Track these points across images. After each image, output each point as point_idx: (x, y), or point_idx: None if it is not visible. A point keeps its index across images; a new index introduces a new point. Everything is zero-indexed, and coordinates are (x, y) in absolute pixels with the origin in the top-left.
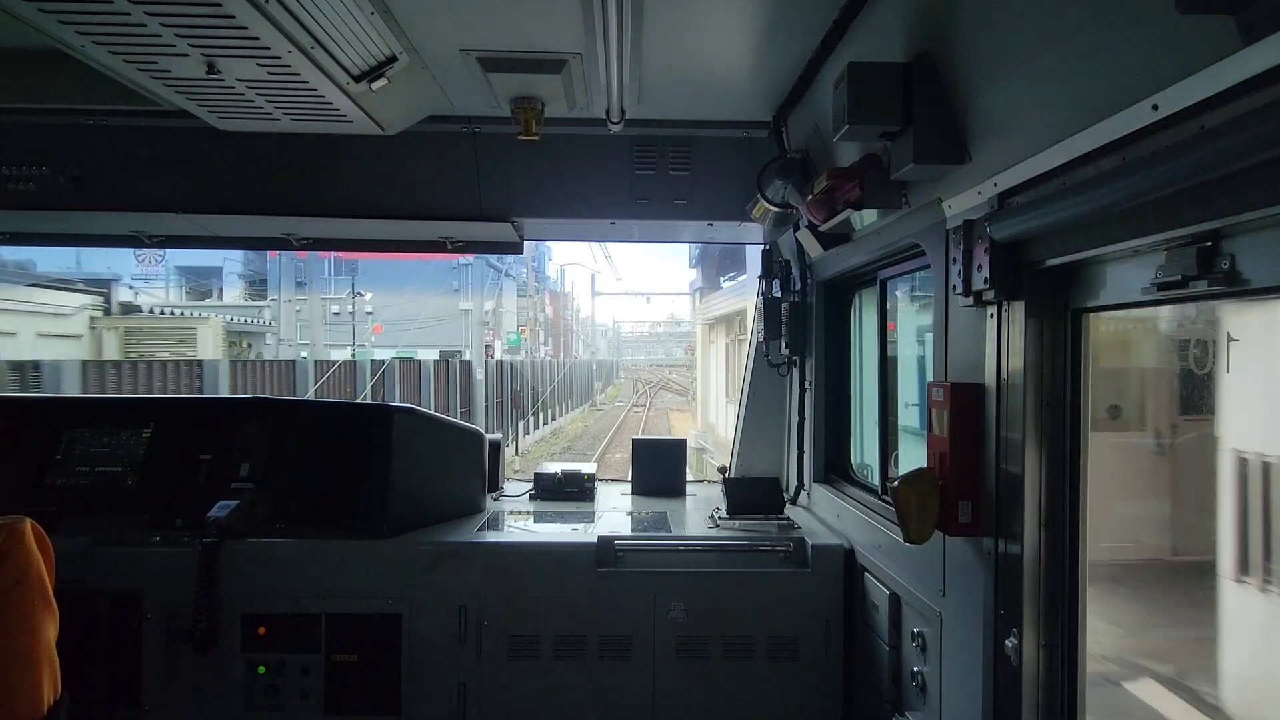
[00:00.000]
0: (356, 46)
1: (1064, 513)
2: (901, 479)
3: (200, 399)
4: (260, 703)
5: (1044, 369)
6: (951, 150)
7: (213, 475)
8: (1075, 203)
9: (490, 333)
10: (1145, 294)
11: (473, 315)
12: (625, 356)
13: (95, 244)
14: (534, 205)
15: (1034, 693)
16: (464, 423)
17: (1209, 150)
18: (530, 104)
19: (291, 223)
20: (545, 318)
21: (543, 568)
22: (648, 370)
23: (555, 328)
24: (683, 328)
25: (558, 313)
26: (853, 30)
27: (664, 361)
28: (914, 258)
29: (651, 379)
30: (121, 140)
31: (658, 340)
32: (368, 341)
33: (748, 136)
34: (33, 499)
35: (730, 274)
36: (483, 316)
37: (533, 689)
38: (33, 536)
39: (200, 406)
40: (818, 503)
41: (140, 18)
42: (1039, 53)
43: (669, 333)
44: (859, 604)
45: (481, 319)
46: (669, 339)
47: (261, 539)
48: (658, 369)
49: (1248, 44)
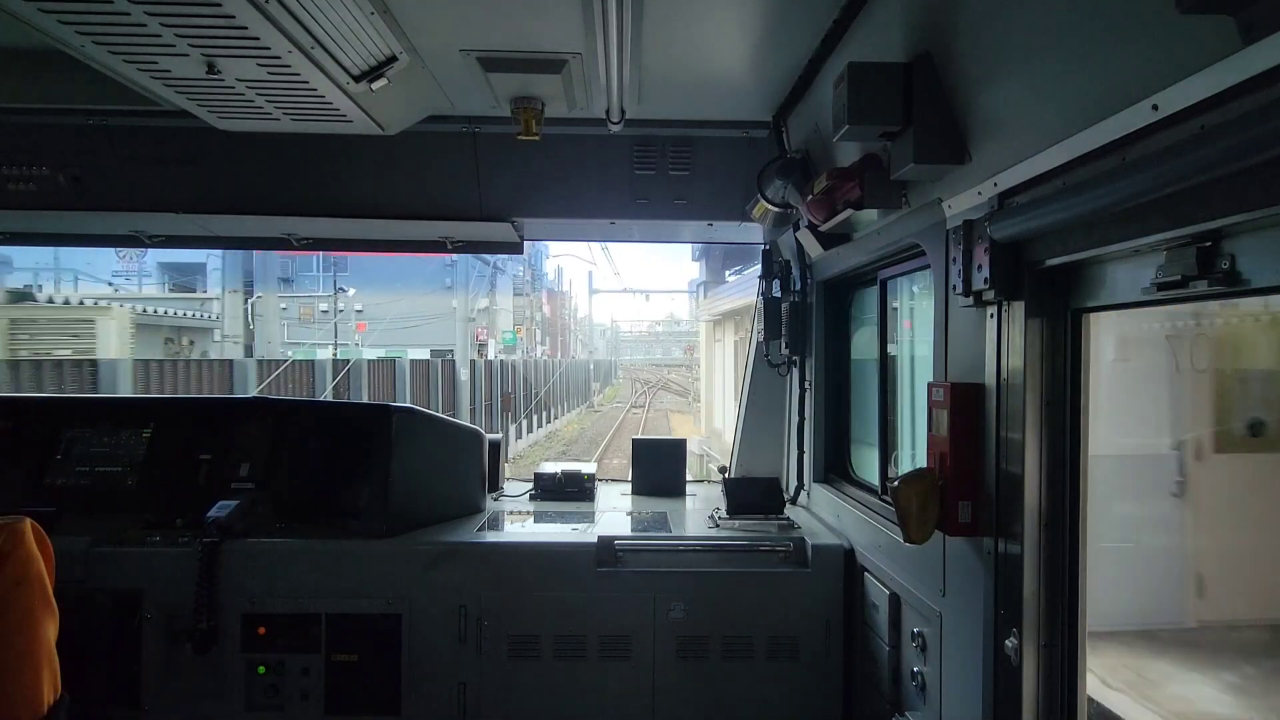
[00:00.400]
0: (356, 46)
1: (1064, 513)
2: (901, 479)
3: (200, 399)
4: (260, 703)
5: (1044, 369)
6: (951, 150)
7: (213, 475)
8: (1075, 203)
9: (484, 331)
10: (1145, 294)
11: (459, 313)
12: (624, 356)
13: (95, 244)
14: (534, 205)
15: (1034, 693)
16: (464, 422)
17: (1209, 150)
18: (530, 104)
19: (291, 223)
20: (542, 316)
21: (543, 568)
22: (646, 370)
23: (553, 327)
24: (682, 327)
25: (555, 311)
26: (853, 30)
27: (662, 361)
28: (914, 258)
29: (650, 379)
30: (121, 140)
31: (656, 340)
32: (353, 341)
33: (748, 136)
34: (33, 499)
35: (736, 268)
36: (469, 314)
37: (533, 689)
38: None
39: (200, 406)
40: (818, 503)
41: (140, 18)
42: (1039, 53)
43: (668, 332)
44: (859, 604)
45: (468, 316)
46: (668, 338)
47: (261, 539)
48: (656, 368)
49: (1247, 44)
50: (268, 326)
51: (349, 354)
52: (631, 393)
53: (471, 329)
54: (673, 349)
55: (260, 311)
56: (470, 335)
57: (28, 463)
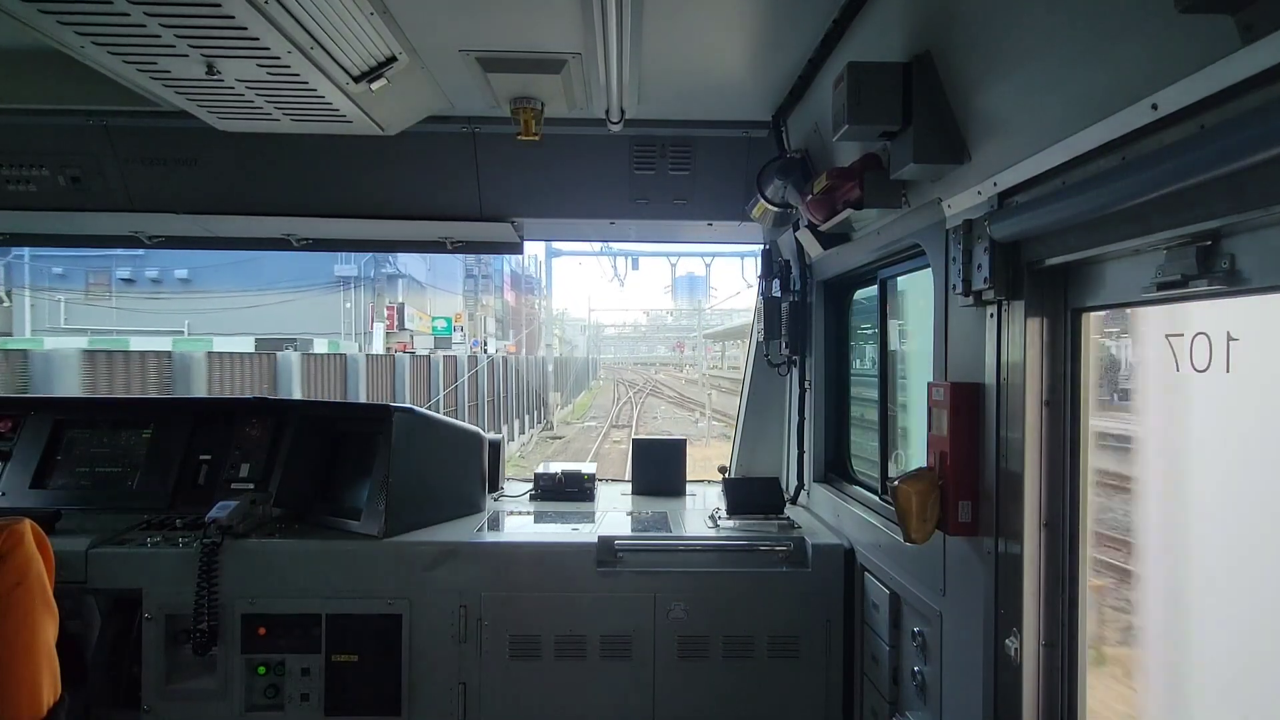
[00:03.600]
0: (356, 47)
1: (1064, 513)
2: (901, 479)
3: (200, 399)
4: (260, 703)
5: (1044, 369)
6: (951, 150)
7: (213, 475)
8: (1075, 202)
9: (394, 313)
10: (1145, 293)
11: (354, 298)
12: (605, 354)
13: (95, 244)
14: (534, 205)
15: (1034, 693)
16: (463, 423)
17: (1209, 149)
18: (530, 104)
19: (291, 223)
20: (504, 305)
21: (543, 567)
22: (630, 369)
23: (517, 317)
24: (670, 321)
25: (521, 301)
26: (853, 30)
27: (648, 359)
28: (914, 257)
29: (635, 380)
30: (121, 140)
31: (641, 338)
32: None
33: (748, 136)
34: (33, 500)
35: None
36: (374, 296)
37: (533, 689)
38: (32, 537)
39: (200, 406)
40: (818, 502)
41: (140, 18)
42: (1039, 52)
43: (654, 324)
44: (859, 604)
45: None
46: (652, 335)
47: (261, 539)
48: (641, 368)
49: (1247, 43)
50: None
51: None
52: (614, 401)
53: (363, 312)
54: (657, 347)
55: None
56: (364, 317)
57: (28, 463)
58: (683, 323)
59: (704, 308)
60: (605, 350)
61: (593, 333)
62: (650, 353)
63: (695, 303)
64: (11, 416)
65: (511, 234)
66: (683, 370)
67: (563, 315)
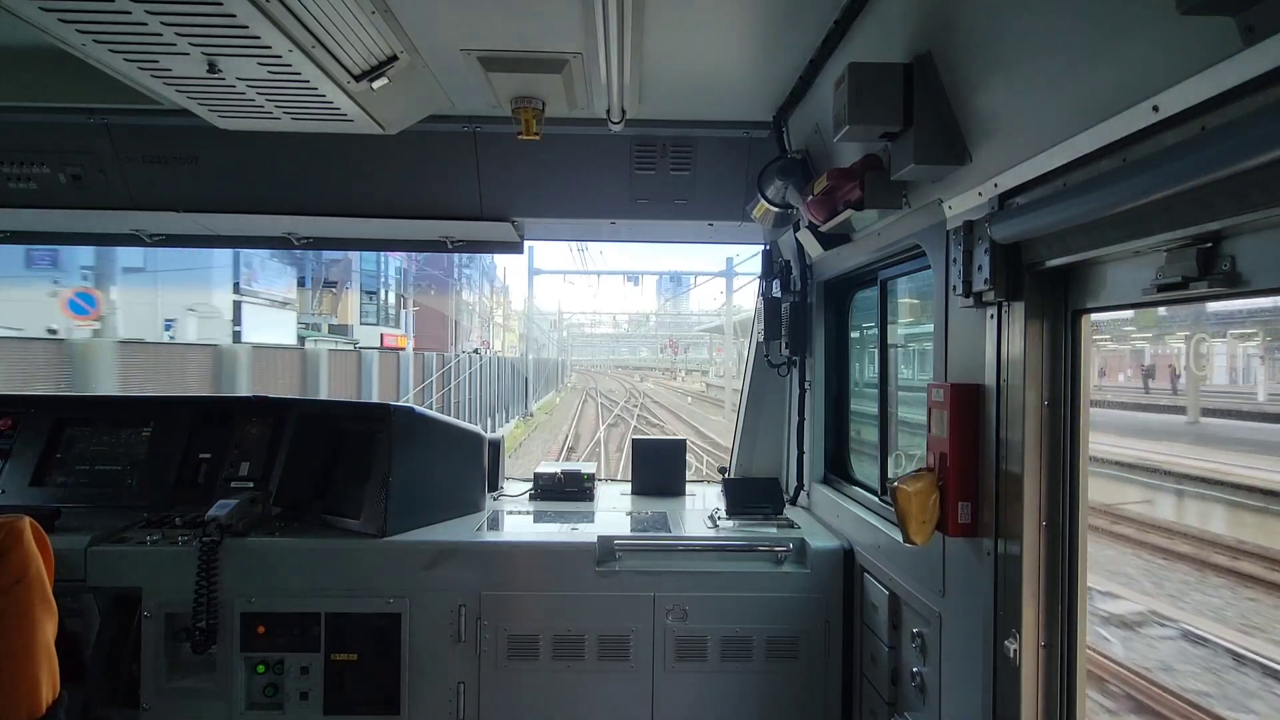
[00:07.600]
0: (357, 46)
1: (1064, 513)
2: (901, 479)
3: (200, 398)
4: (260, 702)
5: (1044, 369)
6: (952, 150)
7: (212, 475)
8: (1076, 203)
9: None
10: (1145, 295)
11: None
12: (581, 356)
13: (95, 243)
14: (534, 205)
15: (1034, 693)
16: (463, 422)
17: (1209, 151)
18: (530, 104)
19: (292, 222)
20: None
21: (542, 567)
22: (609, 374)
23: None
24: (652, 321)
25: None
26: (853, 30)
27: (629, 362)
28: (914, 258)
29: (615, 391)
30: (122, 139)
31: (621, 337)
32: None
33: (748, 136)
34: (33, 498)
35: None
36: None
37: (531, 688)
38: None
39: (200, 405)
40: (817, 503)
41: (141, 16)
42: (1039, 53)
43: (634, 319)
44: (858, 604)
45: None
46: (634, 336)
47: (261, 538)
48: (623, 371)
49: (1248, 45)
50: None
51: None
52: (573, 423)
53: None
54: (640, 349)
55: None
56: None
57: (28, 462)
58: (667, 322)
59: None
60: (580, 352)
61: (562, 334)
62: (633, 355)
63: (679, 301)
64: (11, 414)
65: (512, 233)
66: (676, 378)
67: (529, 309)
